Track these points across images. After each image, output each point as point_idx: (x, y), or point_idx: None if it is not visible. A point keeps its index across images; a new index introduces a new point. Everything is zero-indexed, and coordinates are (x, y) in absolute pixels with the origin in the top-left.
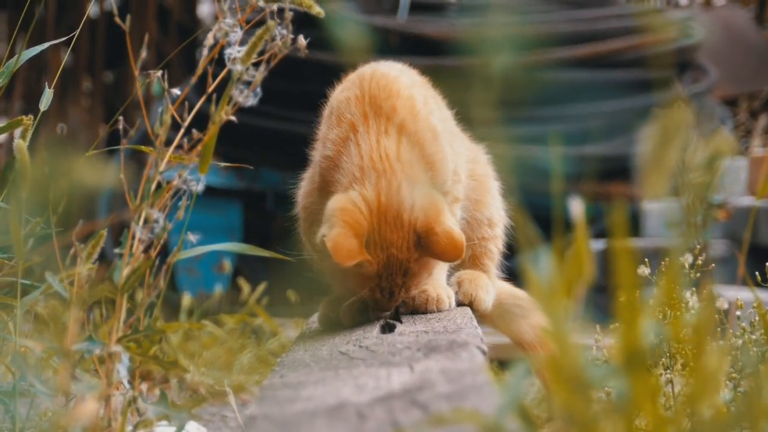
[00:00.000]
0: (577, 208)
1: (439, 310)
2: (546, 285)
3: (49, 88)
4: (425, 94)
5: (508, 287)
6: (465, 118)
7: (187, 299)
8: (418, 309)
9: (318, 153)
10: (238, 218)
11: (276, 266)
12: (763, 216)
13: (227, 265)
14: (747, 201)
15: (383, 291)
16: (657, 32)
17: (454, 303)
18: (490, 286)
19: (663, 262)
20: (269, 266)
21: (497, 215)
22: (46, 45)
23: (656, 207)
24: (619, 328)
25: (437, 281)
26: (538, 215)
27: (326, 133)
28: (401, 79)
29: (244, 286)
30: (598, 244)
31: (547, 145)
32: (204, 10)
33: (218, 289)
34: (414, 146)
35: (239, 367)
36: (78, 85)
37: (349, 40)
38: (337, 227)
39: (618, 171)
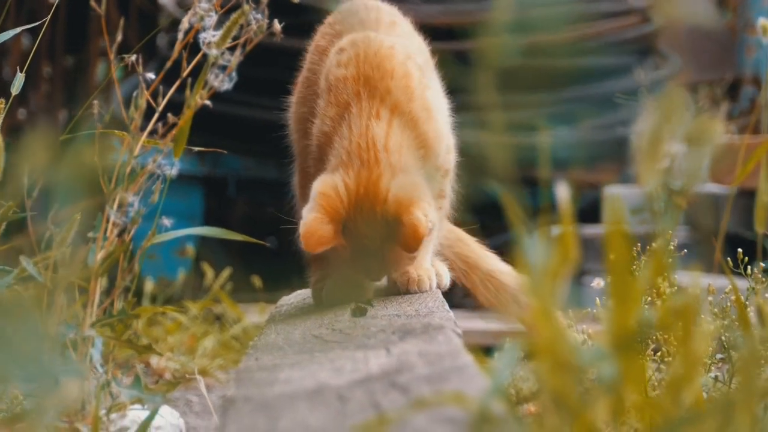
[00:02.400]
0: (563, 193)
1: (421, 291)
2: (536, 268)
3: (17, 72)
4: (418, 56)
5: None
6: None
7: (149, 285)
8: (399, 290)
9: (317, 127)
10: (199, 204)
11: (237, 252)
12: (725, 203)
13: (191, 249)
14: (709, 188)
15: (360, 272)
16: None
17: (435, 284)
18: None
19: (635, 248)
20: (231, 252)
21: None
22: (18, 30)
23: (617, 192)
24: (611, 311)
25: (419, 261)
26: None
27: (325, 110)
28: (396, 56)
29: (208, 271)
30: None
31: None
32: None
33: (182, 275)
34: (406, 127)
35: (202, 352)
36: (38, 70)
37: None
38: (315, 212)
39: (589, 157)
